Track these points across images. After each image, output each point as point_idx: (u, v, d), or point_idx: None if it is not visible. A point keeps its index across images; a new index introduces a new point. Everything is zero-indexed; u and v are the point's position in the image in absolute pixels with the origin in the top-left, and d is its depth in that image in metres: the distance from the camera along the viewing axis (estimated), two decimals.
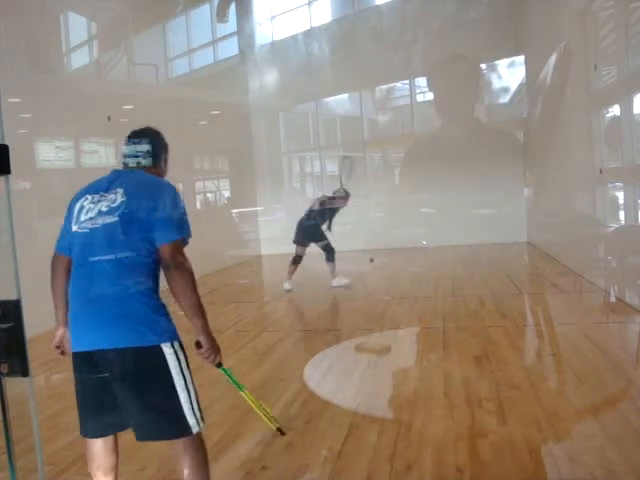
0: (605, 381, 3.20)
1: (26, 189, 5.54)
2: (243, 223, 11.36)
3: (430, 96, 11.74)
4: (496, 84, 10.85)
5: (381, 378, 3.61)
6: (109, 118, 6.75)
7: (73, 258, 1.90)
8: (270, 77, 11.70)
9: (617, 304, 5.06)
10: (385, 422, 2.82)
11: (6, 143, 1.48)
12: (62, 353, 2.07)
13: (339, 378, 3.64)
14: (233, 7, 11.19)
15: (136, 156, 2.19)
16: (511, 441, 2.49)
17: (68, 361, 1.92)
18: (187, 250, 1.93)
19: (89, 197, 1.93)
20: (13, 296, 1.47)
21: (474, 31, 9.63)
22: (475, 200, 10.50)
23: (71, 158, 6.59)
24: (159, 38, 9.13)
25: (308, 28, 11.28)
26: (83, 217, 1.87)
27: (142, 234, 1.81)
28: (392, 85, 11.52)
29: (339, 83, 11.07)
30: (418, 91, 11.00)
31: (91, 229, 1.82)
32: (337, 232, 11.03)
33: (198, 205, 10.00)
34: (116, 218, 1.79)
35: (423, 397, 3.11)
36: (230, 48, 11.49)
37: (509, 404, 2.87)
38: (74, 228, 1.89)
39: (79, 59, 7.19)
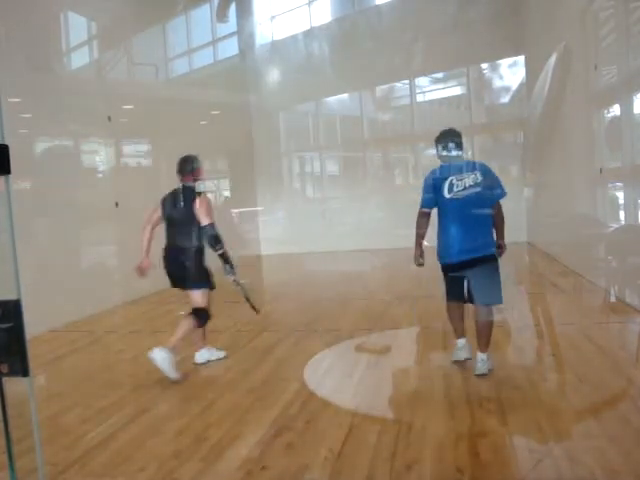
0: (605, 381, 3.20)
1: (26, 189, 5.54)
2: (243, 223, 11.36)
3: (430, 96, 11.76)
4: (496, 84, 10.86)
5: (381, 378, 3.61)
6: (109, 118, 6.75)
7: (448, 213, 3.30)
8: (270, 77, 11.70)
9: (617, 304, 5.06)
10: (385, 422, 2.82)
11: (6, 143, 1.48)
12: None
13: (339, 378, 3.64)
14: (233, 7, 11.19)
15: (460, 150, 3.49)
16: (511, 441, 2.49)
17: (68, 361, 1.92)
18: None
19: (454, 177, 3.29)
20: (13, 296, 1.47)
21: (474, 31, 9.62)
22: None
23: (72, 158, 6.59)
24: (159, 38, 9.13)
25: (308, 28, 11.28)
26: (455, 189, 3.27)
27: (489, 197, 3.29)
28: (392, 85, 11.51)
29: (339, 83, 11.06)
30: (418, 91, 11.00)
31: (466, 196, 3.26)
32: (337, 232, 11.03)
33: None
34: (479, 189, 3.25)
35: (423, 397, 3.11)
36: (230, 48, 11.49)
37: (509, 404, 2.87)
38: (448, 196, 3.28)
39: (79, 59, 7.19)
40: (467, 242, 3.28)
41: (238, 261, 4.22)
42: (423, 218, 3.39)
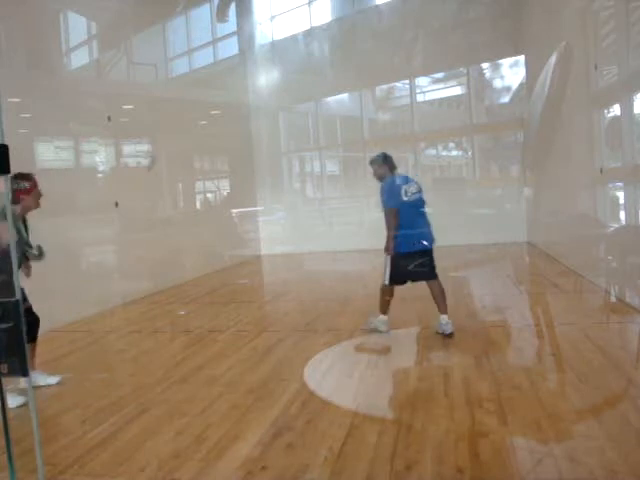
0: (605, 381, 3.20)
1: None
2: (243, 223, 11.36)
3: (430, 96, 11.76)
4: (496, 84, 10.86)
5: (381, 378, 3.61)
6: (109, 118, 6.75)
7: (404, 210, 4.18)
8: (270, 77, 11.70)
9: (617, 304, 5.06)
10: (385, 422, 2.82)
11: (6, 143, 1.48)
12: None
13: (339, 378, 3.64)
14: (233, 7, 11.19)
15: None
16: (511, 441, 2.49)
17: (68, 361, 1.93)
18: (188, 249, 1.97)
19: (404, 185, 4.28)
20: (13, 296, 1.47)
21: (474, 31, 9.62)
22: (475, 200, 10.53)
23: (71, 158, 6.59)
24: (159, 38, 9.12)
25: (308, 28, 11.27)
26: (408, 194, 4.24)
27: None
28: (392, 85, 11.51)
29: (339, 83, 11.07)
30: (418, 91, 11.00)
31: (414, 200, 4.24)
32: (337, 232, 11.04)
33: (198, 205, 10.00)
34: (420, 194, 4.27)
35: (423, 397, 3.11)
36: (230, 48, 11.48)
37: (509, 404, 2.87)
38: (404, 198, 4.21)
39: (79, 59, 7.19)
40: (422, 235, 4.30)
41: None
42: (396, 215, 4.22)
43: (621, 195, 5.77)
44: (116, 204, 6.67)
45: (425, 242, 4.28)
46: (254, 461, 2.45)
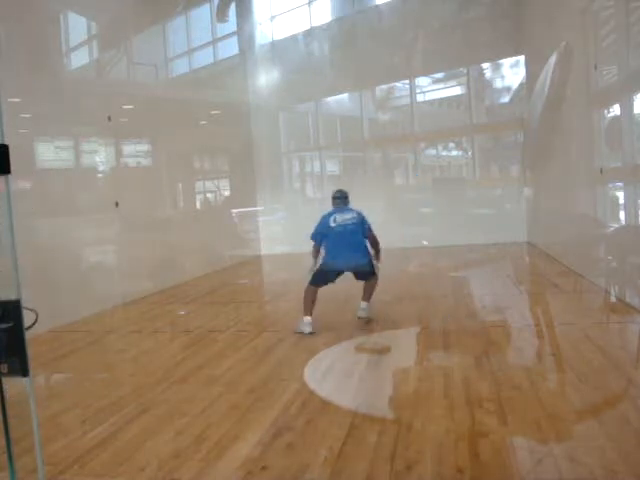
0: (605, 381, 3.20)
1: (26, 189, 5.54)
2: (243, 223, 11.36)
3: (430, 96, 11.76)
4: (496, 84, 10.86)
5: (381, 378, 3.61)
6: (109, 118, 6.75)
7: (332, 237, 4.84)
8: (270, 77, 11.70)
9: (617, 304, 5.06)
10: (385, 422, 2.82)
11: (6, 143, 1.48)
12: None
13: (339, 378, 3.64)
14: (233, 7, 11.19)
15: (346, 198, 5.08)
16: (511, 441, 2.49)
17: (68, 361, 1.93)
18: (188, 249, 1.99)
19: (336, 214, 4.90)
20: (13, 296, 1.47)
21: (474, 31, 9.63)
22: (475, 200, 10.53)
23: (71, 158, 6.59)
24: (159, 38, 9.13)
25: (308, 28, 11.27)
26: (338, 220, 4.85)
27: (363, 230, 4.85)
28: (392, 85, 11.51)
29: (339, 83, 11.06)
30: (418, 91, 11.00)
31: (343, 225, 4.82)
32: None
33: (198, 205, 10.00)
34: (355, 222, 4.85)
35: (423, 397, 3.11)
36: (230, 48, 11.48)
37: (509, 404, 2.87)
38: (332, 225, 4.82)
39: (79, 59, 7.19)
40: (350, 255, 4.92)
41: None
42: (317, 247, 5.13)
43: (621, 195, 5.77)
44: (116, 204, 6.67)
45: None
46: (254, 461, 2.45)
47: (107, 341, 5.17)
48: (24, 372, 1.48)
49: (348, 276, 4.96)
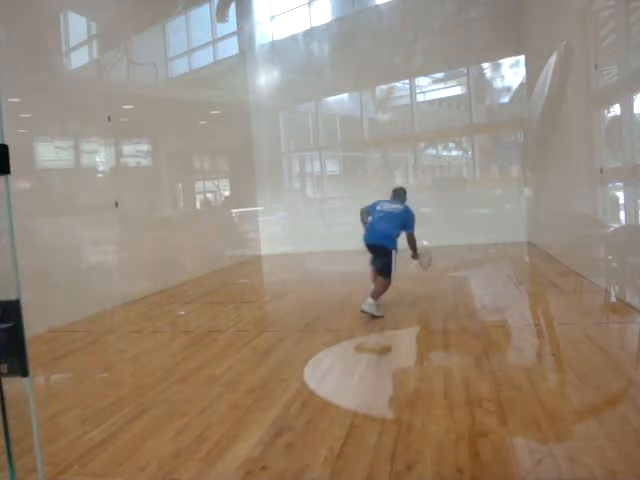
0: (605, 381, 3.20)
1: (26, 189, 5.54)
2: (243, 223, 11.36)
3: (430, 96, 11.76)
4: (496, 84, 10.86)
5: (381, 378, 3.61)
6: (109, 118, 6.76)
7: (373, 218, 5.38)
8: (270, 77, 11.70)
9: (617, 304, 5.06)
10: (385, 422, 2.82)
11: (6, 143, 1.48)
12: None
13: (339, 378, 3.64)
14: (233, 7, 11.19)
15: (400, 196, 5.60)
16: (511, 441, 2.49)
17: (68, 361, 1.93)
18: (188, 249, 1.99)
19: (385, 203, 5.46)
20: (13, 296, 1.47)
21: (474, 31, 9.62)
22: (475, 200, 10.52)
23: (71, 158, 6.59)
24: (159, 38, 9.13)
25: (308, 28, 11.27)
26: (383, 207, 5.40)
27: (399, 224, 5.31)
28: (392, 85, 11.51)
29: (339, 83, 11.06)
30: (418, 91, 11.00)
31: (385, 212, 5.37)
32: (337, 232, 11.03)
33: (198, 205, 10.00)
34: (395, 214, 5.33)
35: (423, 397, 3.11)
36: (230, 48, 11.48)
37: (509, 404, 2.87)
38: (378, 209, 5.40)
39: (79, 59, 7.18)
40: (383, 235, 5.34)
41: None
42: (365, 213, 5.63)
43: (621, 195, 5.77)
44: (116, 204, 6.67)
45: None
46: (254, 461, 2.45)
47: (107, 341, 5.17)
48: (24, 372, 1.48)
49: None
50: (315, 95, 11.43)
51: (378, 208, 5.41)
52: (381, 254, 5.23)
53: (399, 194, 5.57)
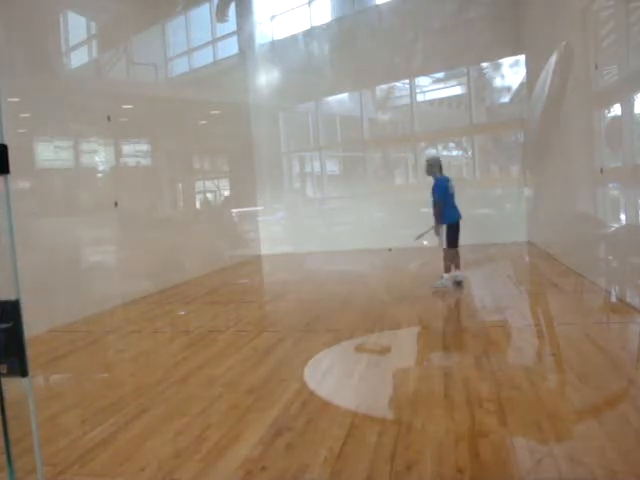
0: (605, 381, 3.20)
1: (25, 189, 5.54)
2: (243, 223, 11.36)
3: (430, 96, 11.76)
4: (496, 84, 10.85)
5: (381, 378, 3.61)
6: (109, 118, 6.75)
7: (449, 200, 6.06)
8: (270, 77, 11.69)
9: (618, 304, 5.05)
10: (385, 422, 2.82)
11: (5, 143, 1.48)
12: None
13: (339, 378, 3.64)
14: (233, 7, 11.18)
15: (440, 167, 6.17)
16: (511, 441, 2.49)
17: (68, 361, 1.93)
18: (188, 249, 2.00)
19: (449, 183, 6.05)
20: (13, 296, 1.47)
21: (474, 31, 9.62)
22: (475, 200, 10.51)
23: (70, 158, 6.59)
24: (159, 38, 9.12)
25: (308, 28, 11.27)
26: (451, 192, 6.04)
27: None
28: (392, 85, 11.51)
29: (339, 83, 11.06)
30: (418, 91, 10.99)
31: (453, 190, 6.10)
32: (337, 232, 11.02)
33: (198, 205, 10.00)
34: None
35: (423, 397, 3.11)
36: (230, 48, 11.47)
37: (509, 404, 2.87)
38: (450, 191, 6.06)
39: (79, 59, 7.18)
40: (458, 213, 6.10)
41: None
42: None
43: (621, 195, 5.76)
44: (115, 204, 6.67)
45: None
46: (254, 461, 2.45)
47: (107, 341, 5.17)
48: (23, 372, 1.48)
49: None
50: (315, 95, 11.43)
51: (450, 191, 6.03)
52: (457, 229, 6.00)
53: (441, 166, 6.10)
